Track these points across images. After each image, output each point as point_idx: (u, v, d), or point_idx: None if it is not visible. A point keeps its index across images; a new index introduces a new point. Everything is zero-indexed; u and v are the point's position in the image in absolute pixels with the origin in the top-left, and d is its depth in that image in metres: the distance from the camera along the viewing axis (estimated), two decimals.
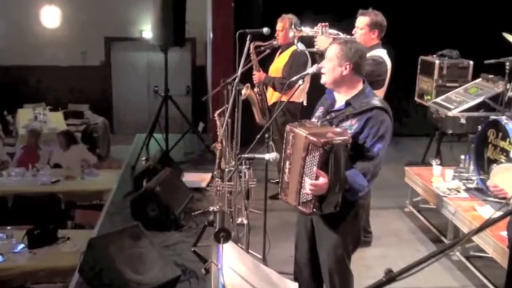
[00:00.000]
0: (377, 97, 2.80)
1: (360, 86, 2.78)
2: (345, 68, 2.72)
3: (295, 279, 2.96)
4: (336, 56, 2.73)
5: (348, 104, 2.75)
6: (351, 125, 2.71)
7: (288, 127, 2.75)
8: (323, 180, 2.53)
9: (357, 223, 2.82)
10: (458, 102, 5.56)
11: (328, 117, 2.80)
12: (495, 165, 4.05)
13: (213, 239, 2.42)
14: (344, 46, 2.73)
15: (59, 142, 7.60)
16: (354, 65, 2.72)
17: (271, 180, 5.44)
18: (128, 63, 11.60)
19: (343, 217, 2.73)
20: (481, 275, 3.99)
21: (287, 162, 2.74)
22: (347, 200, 2.68)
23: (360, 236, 2.90)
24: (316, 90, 3.05)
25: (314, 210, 2.63)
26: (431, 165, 4.98)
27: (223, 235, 2.39)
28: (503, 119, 4.41)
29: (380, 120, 2.68)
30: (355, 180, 2.63)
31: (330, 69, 2.75)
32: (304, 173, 2.59)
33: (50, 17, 11.00)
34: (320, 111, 2.92)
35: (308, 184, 2.55)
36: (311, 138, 2.54)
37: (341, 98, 2.81)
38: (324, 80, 2.79)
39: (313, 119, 2.90)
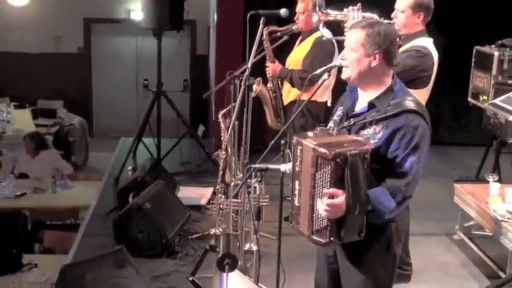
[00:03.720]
0: (410, 96, 2.75)
1: (388, 82, 2.75)
2: (374, 58, 2.68)
3: None
4: (362, 43, 2.68)
5: (371, 105, 2.72)
6: (375, 133, 2.68)
7: (295, 138, 2.73)
8: (340, 199, 2.52)
9: (390, 254, 2.81)
10: None
11: (346, 123, 2.79)
12: None
13: (215, 267, 2.45)
14: (370, 29, 2.67)
15: (26, 147, 7.66)
16: (384, 53, 2.68)
17: (288, 198, 5.45)
18: (113, 50, 11.69)
19: (371, 247, 2.73)
20: None
21: (296, 183, 2.74)
22: (374, 224, 2.67)
23: (395, 268, 2.89)
24: (344, 87, 3.06)
25: (332, 238, 2.61)
26: (487, 182, 4.97)
27: (228, 262, 2.41)
28: None
29: (413, 126, 2.63)
30: (380, 200, 2.62)
31: (354, 61, 2.71)
32: (316, 193, 2.58)
33: None
34: (338, 114, 2.91)
35: (322, 205, 2.55)
36: (320, 149, 2.53)
37: (365, 98, 2.78)
38: (347, 74, 2.75)
39: (330, 124, 2.92)
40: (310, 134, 2.75)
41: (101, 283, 3.58)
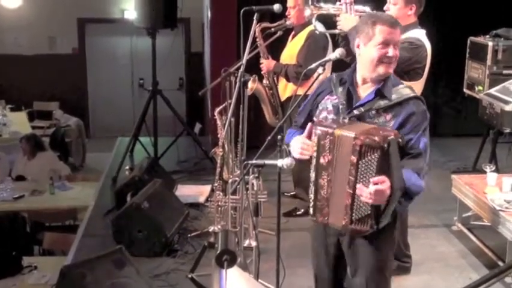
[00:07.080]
0: (401, 83, 2.90)
1: None
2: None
3: None
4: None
5: (378, 94, 2.79)
6: (386, 121, 2.77)
7: (319, 130, 2.76)
8: (386, 184, 2.59)
9: (394, 232, 2.93)
10: None
11: (356, 111, 2.82)
12: None
13: (214, 264, 2.44)
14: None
15: (23, 149, 7.66)
16: None
17: (286, 194, 5.49)
18: (107, 50, 11.68)
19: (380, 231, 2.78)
20: None
21: (324, 174, 2.76)
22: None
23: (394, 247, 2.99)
24: None
25: (373, 226, 2.69)
26: (484, 172, 4.98)
27: (227, 258, 2.40)
28: None
29: (422, 111, 2.79)
30: (412, 182, 2.71)
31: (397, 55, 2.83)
32: (359, 181, 2.63)
33: None
34: (332, 102, 2.92)
35: (369, 193, 2.59)
36: (363, 139, 2.59)
37: (366, 87, 2.85)
38: (391, 69, 2.84)
39: (324, 114, 2.93)
40: (329, 124, 2.80)
41: (102, 283, 3.58)
